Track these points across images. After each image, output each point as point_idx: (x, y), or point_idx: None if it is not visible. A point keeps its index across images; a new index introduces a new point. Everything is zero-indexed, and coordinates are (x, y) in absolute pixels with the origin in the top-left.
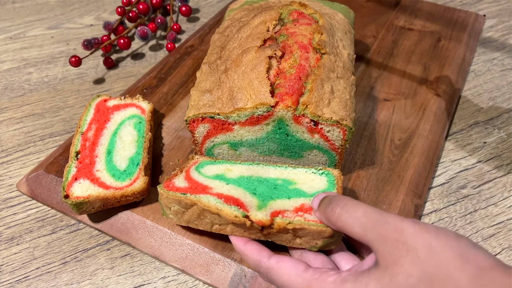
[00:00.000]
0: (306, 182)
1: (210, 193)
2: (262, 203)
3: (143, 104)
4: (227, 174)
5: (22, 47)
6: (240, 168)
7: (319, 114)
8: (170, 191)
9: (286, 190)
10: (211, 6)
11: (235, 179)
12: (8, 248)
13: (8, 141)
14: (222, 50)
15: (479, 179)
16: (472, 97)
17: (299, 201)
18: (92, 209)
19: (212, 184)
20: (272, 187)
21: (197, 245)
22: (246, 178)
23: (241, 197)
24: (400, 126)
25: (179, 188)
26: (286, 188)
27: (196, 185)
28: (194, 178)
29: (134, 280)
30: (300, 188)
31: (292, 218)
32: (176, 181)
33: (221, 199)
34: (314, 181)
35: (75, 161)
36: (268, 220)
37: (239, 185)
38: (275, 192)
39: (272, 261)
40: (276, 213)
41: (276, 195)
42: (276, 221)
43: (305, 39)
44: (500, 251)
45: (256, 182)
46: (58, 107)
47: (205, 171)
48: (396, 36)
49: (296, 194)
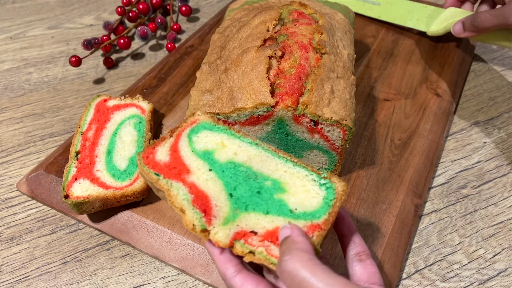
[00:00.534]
0: (298, 192)
1: (185, 180)
2: (232, 215)
3: (143, 104)
4: (217, 152)
5: (22, 47)
6: (236, 147)
7: (319, 114)
8: (146, 165)
9: (269, 200)
10: (211, 6)
11: (222, 164)
12: (8, 248)
13: (8, 141)
14: (222, 50)
15: (479, 179)
16: (472, 97)
17: (275, 222)
18: (92, 209)
19: (194, 165)
20: (256, 190)
21: (197, 245)
22: (234, 167)
23: (214, 198)
24: (400, 126)
25: (157, 164)
26: (270, 196)
27: (177, 163)
28: (179, 152)
29: (134, 280)
30: (285, 201)
31: (255, 247)
32: (159, 151)
33: (192, 194)
34: (308, 194)
35: (75, 161)
36: (226, 243)
37: (220, 177)
38: (254, 200)
39: (237, 279)
40: (240, 235)
41: (254, 206)
42: (235, 246)
43: (305, 39)
44: (500, 251)
45: (242, 177)
46: (58, 107)
47: (197, 141)
48: (396, 36)
49: (276, 210)
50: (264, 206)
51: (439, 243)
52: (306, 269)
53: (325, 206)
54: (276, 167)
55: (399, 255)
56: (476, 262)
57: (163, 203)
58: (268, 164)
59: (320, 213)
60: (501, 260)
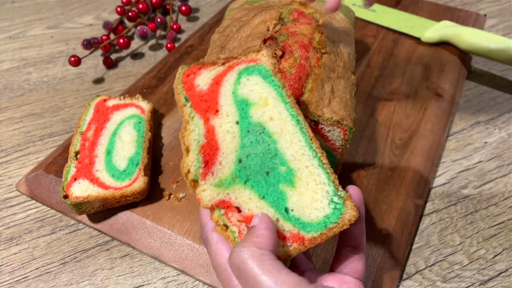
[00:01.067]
0: (305, 195)
1: (208, 120)
2: (229, 181)
3: (143, 104)
4: (255, 108)
5: (21, 46)
6: (276, 112)
7: (319, 114)
8: (182, 83)
9: (272, 186)
10: (211, 5)
11: (252, 123)
12: (8, 248)
13: (8, 141)
14: (222, 49)
15: (480, 179)
16: (473, 96)
17: (264, 210)
18: (91, 209)
19: (226, 109)
20: (266, 169)
21: (197, 246)
22: (261, 132)
23: (223, 154)
24: (400, 126)
25: (192, 87)
26: (276, 183)
27: (212, 97)
28: (220, 85)
29: (134, 281)
30: (287, 196)
31: (231, 224)
32: (202, 74)
33: (205, 139)
34: (313, 203)
35: (74, 161)
36: (207, 205)
37: (242, 136)
38: (258, 178)
39: (215, 235)
40: (224, 205)
41: (254, 184)
42: (214, 212)
43: (305, 38)
44: (501, 251)
45: (262, 148)
46: (58, 107)
47: (244, 84)
48: (396, 36)
49: (273, 199)
50: (263, 189)
51: (440, 243)
52: (255, 263)
53: (321, 224)
54: (300, 157)
55: (399, 255)
56: (477, 263)
57: (163, 204)
58: (295, 149)
59: (312, 228)
60: (502, 261)
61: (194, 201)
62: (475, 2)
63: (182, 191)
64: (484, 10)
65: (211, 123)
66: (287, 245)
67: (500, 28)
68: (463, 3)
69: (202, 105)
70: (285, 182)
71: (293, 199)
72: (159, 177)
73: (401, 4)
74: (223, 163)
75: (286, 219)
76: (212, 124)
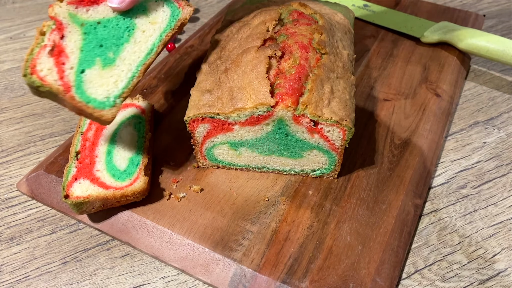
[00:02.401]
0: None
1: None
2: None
3: (143, 104)
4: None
5: (22, 47)
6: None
7: (319, 114)
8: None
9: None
10: (211, 6)
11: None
12: (8, 248)
13: (8, 141)
14: (222, 50)
15: (479, 179)
16: (472, 97)
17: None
18: (92, 209)
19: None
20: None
21: (197, 245)
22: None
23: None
24: (400, 126)
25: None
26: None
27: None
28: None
29: (134, 280)
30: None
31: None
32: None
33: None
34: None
35: (75, 161)
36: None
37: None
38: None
39: None
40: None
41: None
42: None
43: (305, 39)
44: (500, 251)
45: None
46: (58, 107)
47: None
48: (395, 36)
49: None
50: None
51: (439, 243)
52: None
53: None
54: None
55: (399, 255)
56: (475, 262)
57: (163, 203)
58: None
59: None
60: (500, 260)
61: (194, 201)
62: (474, 3)
63: (182, 191)
64: (483, 10)
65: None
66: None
67: (499, 28)
68: (462, 4)
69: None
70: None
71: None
72: (159, 177)
73: (401, 4)
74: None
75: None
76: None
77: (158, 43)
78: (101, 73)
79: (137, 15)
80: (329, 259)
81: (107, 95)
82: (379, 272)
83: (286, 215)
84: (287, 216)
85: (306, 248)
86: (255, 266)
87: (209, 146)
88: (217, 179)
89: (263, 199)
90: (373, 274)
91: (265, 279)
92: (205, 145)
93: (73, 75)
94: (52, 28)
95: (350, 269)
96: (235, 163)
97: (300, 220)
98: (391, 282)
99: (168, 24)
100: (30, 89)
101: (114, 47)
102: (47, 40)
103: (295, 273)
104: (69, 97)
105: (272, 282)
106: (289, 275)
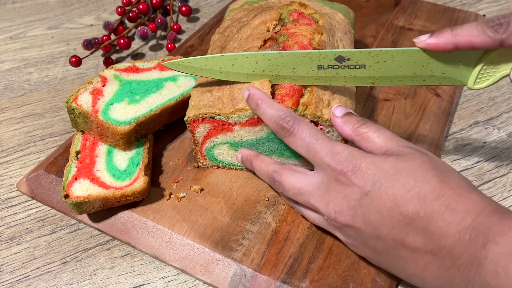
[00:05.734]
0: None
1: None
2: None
3: None
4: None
5: (22, 47)
6: None
7: (319, 115)
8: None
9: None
10: (211, 6)
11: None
12: (8, 248)
13: (8, 141)
14: (222, 50)
15: (478, 179)
16: (471, 97)
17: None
18: (92, 209)
19: None
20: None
21: (197, 245)
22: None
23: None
24: (400, 126)
25: None
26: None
27: None
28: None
29: (134, 280)
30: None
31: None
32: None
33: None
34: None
35: (75, 161)
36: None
37: None
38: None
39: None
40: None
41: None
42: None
43: (305, 39)
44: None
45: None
46: (59, 107)
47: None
48: (396, 36)
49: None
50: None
51: None
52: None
53: None
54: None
55: None
56: None
57: (163, 203)
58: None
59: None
60: None
61: (194, 201)
62: (474, 3)
63: (183, 191)
64: (483, 10)
65: None
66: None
67: None
68: (462, 4)
69: None
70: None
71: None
72: (159, 176)
73: (400, 4)
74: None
75: None
76: None
77: (179, 97)
78: (125, 106)
79: (168, 81)
80: (329, 259)
81: (125, 119)
82: (379, 272)
83: (286, 215)
84: (287, 216)
85: (306, 248)
86: (255, 266)
87: (209, 146)
88: (217, 179)
89: (263, 199)
90: (373, 274)
91: (265, 279)
92: (205, 145)
93: (102, 105)
94: (98, 81)
95: (350, 269)
96: (235, 163)
97: (300, 220)
98: (391, 282)
99: (190, 87)
100: (67, 109)
101: (142, 93)
102: (91, 88)
103: (295, 273)
104: (95, 117)
105: (272, 282)
106: (289, 275)
